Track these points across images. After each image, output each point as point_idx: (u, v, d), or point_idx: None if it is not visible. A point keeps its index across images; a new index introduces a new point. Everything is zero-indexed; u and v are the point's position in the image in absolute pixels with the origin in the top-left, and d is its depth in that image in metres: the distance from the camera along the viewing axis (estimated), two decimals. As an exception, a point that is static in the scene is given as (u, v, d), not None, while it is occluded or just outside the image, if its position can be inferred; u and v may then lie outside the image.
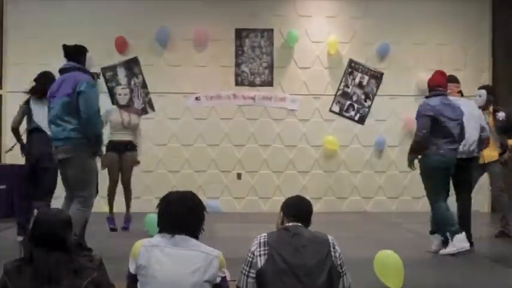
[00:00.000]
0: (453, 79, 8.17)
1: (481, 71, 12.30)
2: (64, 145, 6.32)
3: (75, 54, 6.61)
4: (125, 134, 8.87)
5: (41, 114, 7.68)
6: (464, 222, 7.56)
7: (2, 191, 9.61)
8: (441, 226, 7.43)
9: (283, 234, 3.81)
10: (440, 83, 7.53)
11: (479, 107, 8.30)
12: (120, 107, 8.94)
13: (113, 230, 8.81)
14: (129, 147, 8.89)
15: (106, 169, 8.75)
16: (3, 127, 11.51)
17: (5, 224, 8.91)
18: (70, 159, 6.33)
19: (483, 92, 8.66)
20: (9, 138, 11.40)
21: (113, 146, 8.83)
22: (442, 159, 7.27)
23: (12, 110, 11.35)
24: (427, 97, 7.54)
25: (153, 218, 7.87)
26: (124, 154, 8.87)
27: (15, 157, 10.67)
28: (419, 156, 7.43)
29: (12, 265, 3.27)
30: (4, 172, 10.11)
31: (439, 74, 7.64)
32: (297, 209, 3.97)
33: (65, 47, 6.69)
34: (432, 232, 7.66)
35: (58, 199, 7.19)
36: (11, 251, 6.05)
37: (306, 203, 4.05)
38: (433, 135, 7.24)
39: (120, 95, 8.99)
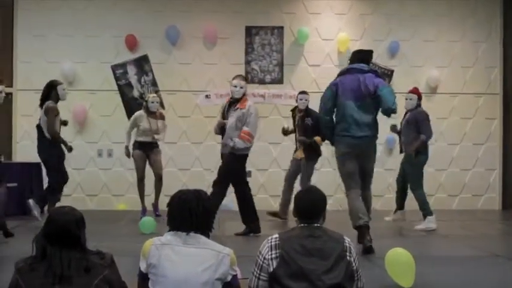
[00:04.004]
0: None
1: (491, 68, 12.24)
2: None
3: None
4: (151, 137, 9.62)
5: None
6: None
7: (13, 189, 9.62)
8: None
9: (296, 236, 3.64)
10: None
11: (301, 111, 9.73)
12: (149, 113, 9.56)
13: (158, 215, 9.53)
14: (154, 144, 9.71)
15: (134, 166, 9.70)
16: (14, 124, 11.56)
17: (16, 221, 8.92)
18: None
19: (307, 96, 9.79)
20: (19, 135, 11.47)
21: (140, 144, 9.57)
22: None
23: (22, 107, 11.44)
24: (419, 106, 9.31)
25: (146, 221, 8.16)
26: (151, 152, 9.65)
27: (27, 155, 10.78)
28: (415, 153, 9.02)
29: (24, 263, 3.24)
30: (15, 170, 10.12)
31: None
32: (307, 209, 3.71)
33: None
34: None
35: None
36: (22, 248, 6.07)
37: (315, 199, 3.74)
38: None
39: (153, 102, 9.63)
